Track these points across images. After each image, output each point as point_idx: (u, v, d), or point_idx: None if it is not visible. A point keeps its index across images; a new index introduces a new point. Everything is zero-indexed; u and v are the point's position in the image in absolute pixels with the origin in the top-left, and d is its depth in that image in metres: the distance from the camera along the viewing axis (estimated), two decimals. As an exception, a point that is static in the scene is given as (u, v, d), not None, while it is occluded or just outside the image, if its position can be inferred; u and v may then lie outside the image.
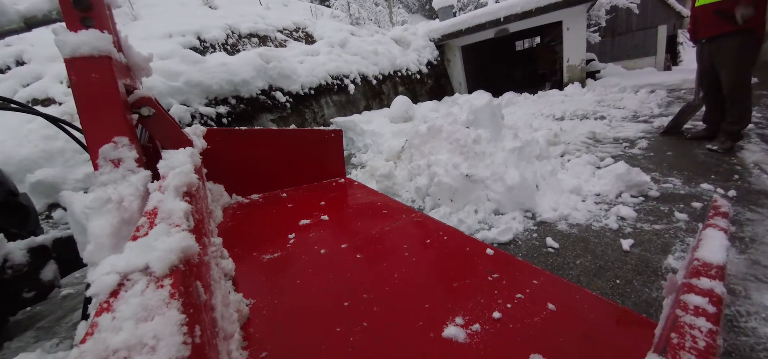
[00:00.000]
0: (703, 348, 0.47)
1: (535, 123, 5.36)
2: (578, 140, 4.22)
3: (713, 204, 0.75)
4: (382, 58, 8.21)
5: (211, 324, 0.69)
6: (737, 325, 1.43)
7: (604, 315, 0.87)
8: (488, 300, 0.93)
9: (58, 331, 1.83)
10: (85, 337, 0.44)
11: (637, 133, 4.26)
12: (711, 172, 2.86)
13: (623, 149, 3.74)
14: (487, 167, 2.40)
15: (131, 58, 1.23)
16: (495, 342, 0.81)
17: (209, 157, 1.66)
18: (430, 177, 2.46)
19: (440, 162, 2.48)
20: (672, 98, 6.14)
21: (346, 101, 7.02)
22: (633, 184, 2.63)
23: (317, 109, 6.38)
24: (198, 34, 6.15)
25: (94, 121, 0.94)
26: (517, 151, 2.71)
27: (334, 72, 6.86)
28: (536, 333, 0.82)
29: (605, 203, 2.56)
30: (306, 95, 6.14)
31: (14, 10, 1.83)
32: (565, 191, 2.65)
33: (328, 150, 2.14)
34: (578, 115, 5.65)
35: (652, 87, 7.11)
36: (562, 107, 6.50)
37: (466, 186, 2.23)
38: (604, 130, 4.48)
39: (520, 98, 8.37)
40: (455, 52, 10.32)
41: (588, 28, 10.47)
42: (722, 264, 0.58)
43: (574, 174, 2.99)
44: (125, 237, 0.75)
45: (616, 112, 5.42)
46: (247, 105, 5.14)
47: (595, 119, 5.22)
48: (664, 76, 8.69)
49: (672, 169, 3.03)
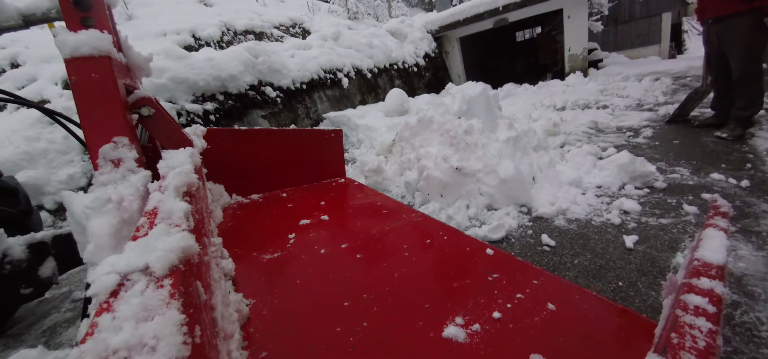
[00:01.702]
0: (703, 348, 0.47)
1: (535, 113, 5.16)
2: (579, 130, 4.02)
3: (713, 204, 0.75)
4: (377, 51, 7.98)
5: (211, 324, 0.69)
6: (757, 335, 1.22)
7: (604, 315, 0.87)
8: (488, 300, 0.93)
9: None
10: (85, 337, 0.44)
11: (642, 121, 4.01)
12: (721, 161, 2.65)
13: (627, 138, 3.52)
14: (479, 159, 2.22)
15: (131, 58, 1.23)
16: (495, 342, 0.81)
17: (209, 157, 1.66)
18: (419, 171, 2.30)
19: (430, 155, 2.31)
20: (678, 85, 5.82)
21: (340, 95, 6.82)
22: (637, 175, 2.44)
23: (310, 104, 6.18)
24: (193, 31, 6.05)
25: (94, 121, 0.94)
26: (511, 142, 2.59)
27: (327, 66, 6.65)
28: (536, 333, 0.82)
29: (607, 196, 2.38)
30: (297, 90, 5.95)
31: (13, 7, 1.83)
32: (563, 183, 2.51)
33: (328, 150, 2.14)
34: (580, 105, 5.45)
35: (657, 75, 6.87)
36: (563, 97, 6.27)
37: (457, 180, 2.07)
38: (607, 120, 4.26)
39: (520, 89, 8.18)
40: (453, 43, 10.08)
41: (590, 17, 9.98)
42: (722, 264, 0.58)
43: (574, 165, 2.84)
44: (125, 237, 0.75)
45: (619, 101, 5.18)
46: (236, 101, 5.01)
47: (598, 108, 4.99)
48: (668, 64, 8.14)
49: (679, 159, 2.83)
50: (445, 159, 2.09)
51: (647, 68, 7.93)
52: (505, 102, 6.78)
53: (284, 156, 2.00)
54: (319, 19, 9.19)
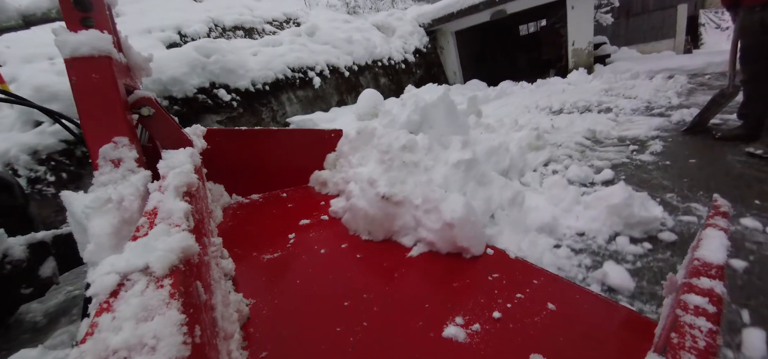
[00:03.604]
0: (703, 348, 0.47)
1: (524, 118, 4.55)
2: (572, 141, 3.35)
3: (714, 204, 0.75)
4: (357, 47, 7.38)
5: (211, 324, 0.69)
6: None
7: (604, 314, 0.87)
8: (488, 300, 0.93)
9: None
10: (85, 337, 0.44)
11: (650, 130, 3.34)
12: (754, 193, 1.93)
13: (629, 155, 2.84)
14: (419, 186, 1.48)
15: (131, 58, 1.23)
16: (495, 342, 0.81)
17: (209, 156, 1.66)
18: (346, 198, 1.59)
19: (360, 176, 1.61)
20: (694, 84, 5.02)
21: (313, 96, 6.25)
22: (635, 222, 1.73)
23: (277, 107, 5.64)
24: (178, 28, 5.76)
25: (94, 120, 0.94)
26: (463, 167, 1.93)
27: (296, 64, 6.03)
28: (536, 333, 0.82)
29: (590, 252, 1.69)
30: (260, 92, 5.41)
31: (13, 8, 1.84)
32: (531, 229, 1.85)
33: (329, 150, 2.14)
34: (579, 107, 4.88)
35: (670, 72, 6.18)
36: (561, 98, 5.70)
37: (385, 212, 1.35)
38: (608, 127, 3.63)
39: (516, 88, 7.64)
40: (449, 38, 9.48)
41: (599, 9, 9.37)
42: (722, 263, 0.58)
43: (551, 197, 2.15)
44: (125, 237, 0.75)
45: (625, 103, 4.57)
46: (183, 106, 4.50)
47: (599, 112, 4.41)
48: (684, 60, 7.27)
49: (696, 188, 2.10)
50: (372, 183, 1.43)
51: (660, 64, 7.10)
52: (495, 103, 6.33)
53: (284, 156, 2.00)
54: (316, 14, 8.80)
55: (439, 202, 1.30)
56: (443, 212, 1.24)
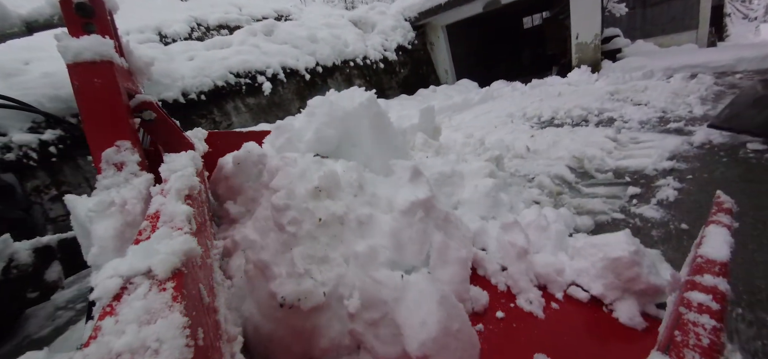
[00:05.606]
0: (707, 345, 0.46)
1: (493, 136, 3.49)
2: (549, 172, 2.38)
3: (716, 201, 0.74)
4: (322, 46, 6.46)
5: (214, 327, 0.69)
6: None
7: (607, 314, 0.86)
8: (491, 300, 0.93)
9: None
10: (89, 341, 0.44)
11: (661, 158, 2.26)
12: None
13: (625, 203, 1.85)
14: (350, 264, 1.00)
15: (133, 62, 1.24)
16: (499, 342, 0.81)
17: (211, 159, 1.66)
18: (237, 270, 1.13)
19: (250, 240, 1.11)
20: (723, 86, 3.90)
21: (267, 104, 5.43)
22: (639, 289, 0.96)
23: (220, 117, 4.83)
24: (158, 29, 5.33)
25: (96, 125, 0.95)
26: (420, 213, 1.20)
27: (241, 67, 5.23)
28: (540, 333, 0.82)
29: None
30: (194, 102, 4.57)
31: (16, 14, 1.85)
32: None
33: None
34: (573, 117, 3.78)
35: (692, 69, 5.00)
36: (555, 103, 4.56)
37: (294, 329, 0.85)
38: (603, 151, 2.58)
39: (507, 89, 6.66)
40: (439, 33, 8.45)
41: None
42: (726, 260, 0.57)
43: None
44: (128, 240, 0.75)
45: (632, 112, 3.46)
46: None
47: (597, 124, 3.36)
48: (708, 55, 5.77)
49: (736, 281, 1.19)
50: (263, 271, 0.92)
51: (680, 60, 5.75)
52: (477, 109, 5.45)
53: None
54: (310, 11, 8.13)
55: (393, 306, 0.74)
56: (404, 330, 0.69)
